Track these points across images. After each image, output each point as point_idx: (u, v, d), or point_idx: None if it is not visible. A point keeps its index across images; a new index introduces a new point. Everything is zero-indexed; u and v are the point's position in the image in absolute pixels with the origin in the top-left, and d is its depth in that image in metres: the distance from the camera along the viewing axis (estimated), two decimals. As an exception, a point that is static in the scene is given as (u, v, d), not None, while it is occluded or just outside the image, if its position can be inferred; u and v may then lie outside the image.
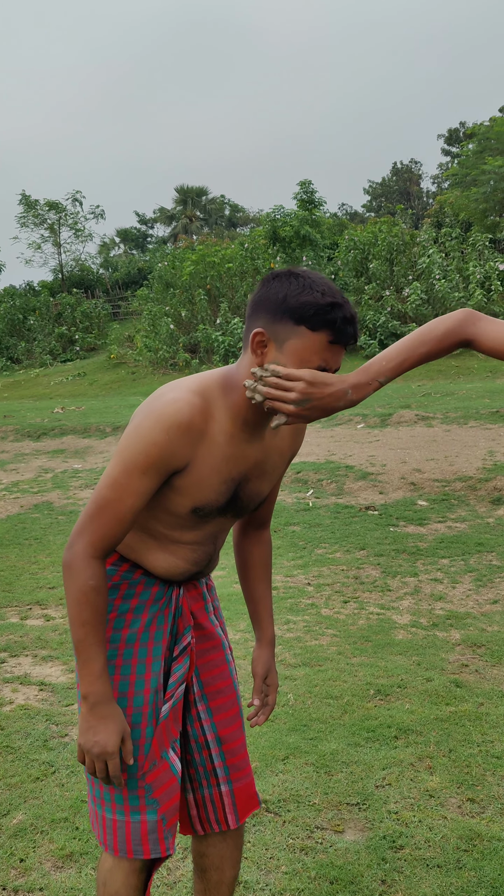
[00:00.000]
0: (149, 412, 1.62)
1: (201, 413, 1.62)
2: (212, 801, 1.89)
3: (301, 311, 1.56)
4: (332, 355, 1.59)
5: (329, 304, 1.56)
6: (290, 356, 1.58)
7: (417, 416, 11.96)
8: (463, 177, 27.04)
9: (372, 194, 53.26)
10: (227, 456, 1.69)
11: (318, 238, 22.57)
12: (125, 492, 1.61)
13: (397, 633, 4.48)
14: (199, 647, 1.88)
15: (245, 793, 1.91)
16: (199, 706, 1.87)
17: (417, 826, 2.61)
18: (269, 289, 1.61)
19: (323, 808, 2.73)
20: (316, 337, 1.57)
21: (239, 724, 1.93)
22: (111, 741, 1.61)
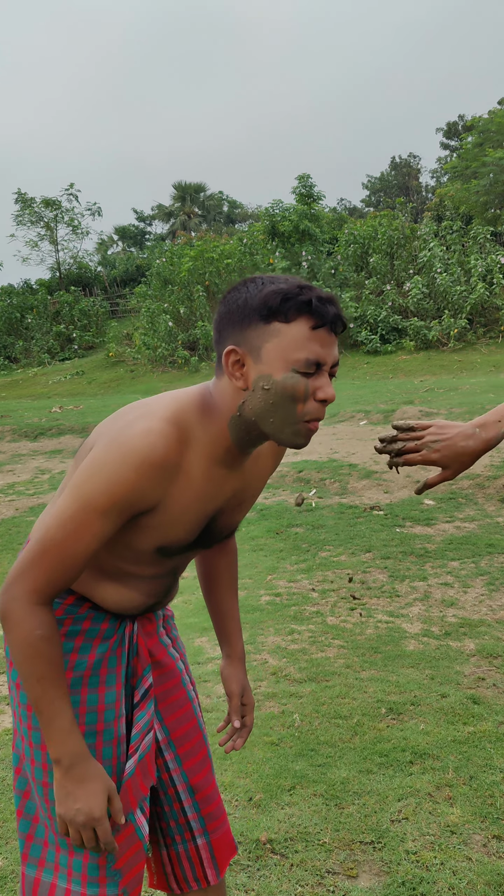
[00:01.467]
0: (117, 444, 1.35)
1: (177, 446, 1.37)
2: (188, 857, 1.69)
3: (268, 305, 1.32)
4: (320, 345, 1.33)
5: (297, 286, 1.33)
6: (272, 362, 1.33)
7: (421, 412, 11.70)
8: (463, 170, 26.78)
9: (371, 189, 52.94)
10: (203, 492, 1.45)
11: (317, 232, 22.30)
12: (79, 534, 1.35)
13: (408, 644, 4.23)
14: (158, 688, 1.66)
15: (223, 843, 1.72)
16: (167, 754, 1.67)
17: (439, 869, 2.35)
18: (230, 299, 1.38)
19: (334, 848, 2.48)
20: (293, 328, 1.32)
21: (209, 768, 1.73)
22: (96, 805, 1.39)
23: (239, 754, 3.08)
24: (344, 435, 11.07)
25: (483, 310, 18.61)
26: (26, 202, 31.39)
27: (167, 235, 50.47)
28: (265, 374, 1.34)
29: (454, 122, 48.54)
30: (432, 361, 17.64)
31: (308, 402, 1.35)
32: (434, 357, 17.95)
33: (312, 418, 1.37)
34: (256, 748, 3.13)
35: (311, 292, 1.33)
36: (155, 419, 1.36)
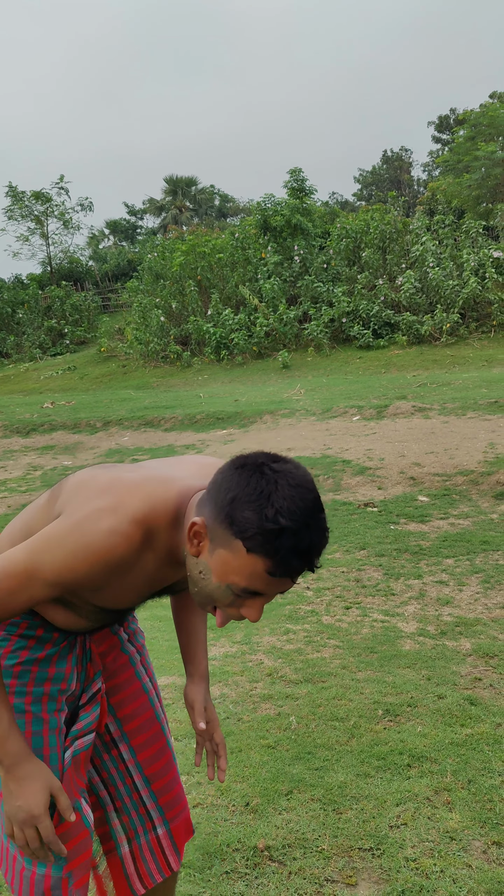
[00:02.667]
0: (80, 532, 1.36)
1: (137, 548, 1.39)
2: (150, 848, 1.74)
3: (241, 526, 1.27)
4: (266, 585, 1.30)
5: (276, 530, 1.25)
6: (216, 564, 1.32)
7: (414, 408, 11.69)
8: (455, 163, 26.71)
9: (362, 183, 52.82)
10: (153, 579, 1.48)
11: (309, 227, 22.22)
12: (20, 589, 1.39)
13: (404, 644, 4.21)
14: (112, 682, 1.72)
15: (181, 828, 1.78)
16: (121, 746, 1.72)
17: (439, 877, 2.33)
18: (226, 477, 1.32)
19: (332, 855, 2.45)
20: (250, 560, 1.28)
21: (168, 757, 1.77)
22: (35, 802, 1.43)
23: (235, 757, 3.05)
24: (337, 431, 11.03)
25: (475, 304, 18.58)
26: (17, 196, 31.19)
27: (158, 230, 50.27)
28: (207, 567, 1.34)
29: (446, 115, 48.45)
30: (425, 356, 17.62)
31: (229, 609, 1.36)
32: (426, 352, 17.92)
33: (226, 620, 1.38)
34: (253, 751, 3.10)
35: (289, 541, 1.26)
36: (124, 519, 1.36)
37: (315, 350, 19.56)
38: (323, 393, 14.70)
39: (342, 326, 19.74)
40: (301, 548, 1.27)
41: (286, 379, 17.82)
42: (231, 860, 2.44)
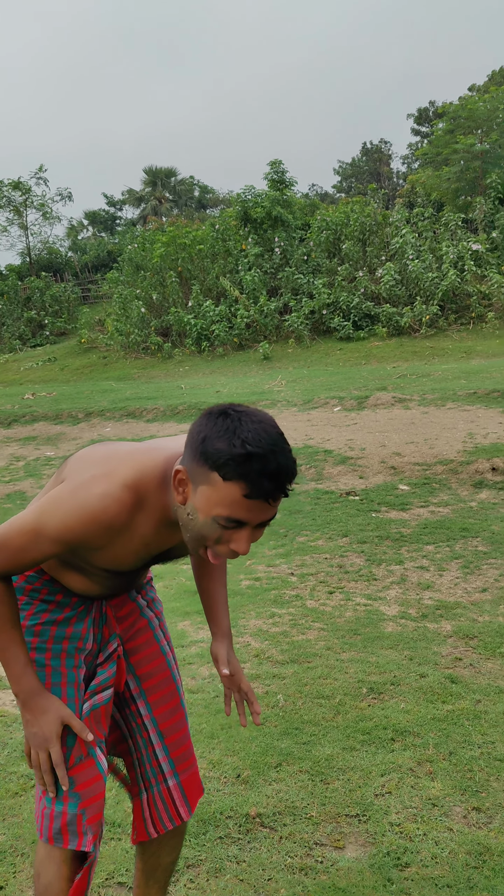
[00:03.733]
0: (76, 497, 1.54)
1: (130, 511, 1.55)
2: (161, 798, 1.90)
3: (214, 458, 1.42)
4: (247, 510, 1.43)
5: (244, 454, 1.39)
6: (200, 503, 1.46)
7: (394, 399, 11.83)
8: (434, 156, 26.86)
9: (342, 175, 52.91)
10: (150, 541, 1.63)
11: (289, 219, 22.29)
12: (30, 546, 1.58)
13: (386, 626, 4.33)
14: (131, 644, 1.88)
15: (192, 783, 1.93)
16: (139, 702, 1.89)
17: (422, 840, 2.45)
18: (198, 424, 1.48)
19: (321, 821, 2.57)
20: (228, 488, 1.41)
21: (181, 716, 1.92)
22: (50, 728, 1.64)
23: (225, 733, 3.16)
24: (318, 421, 11.15)
25: (454, 296, 18.75)
26: (-5, 187, 31.02)
27: (138, 220, 50.10)
28: (194, 507, 1.47)
29: (425, 108, 48.57)
30: (404, 348, 17.77)
31: (219, 546, 1.48)
32: (406, 343, 18.07)
33: (218, 557, 1.52)
34: (242, 730, 3.21)
35: (258, 463, 1.39)
36: (115, 484, 1.53)
37: (296, 341, 19.66)
38: (304, 384, 14.81)
39: (322, 318, 19.85)
40: (270, 469, 1.40)
41: (267, 370, 17.92)
42: (224, 826, 2.56)
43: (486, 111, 24.48)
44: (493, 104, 24.60)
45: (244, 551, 1.46)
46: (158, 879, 1.97)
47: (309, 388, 14.12)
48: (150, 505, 1.56)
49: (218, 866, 2.38)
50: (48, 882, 1.70)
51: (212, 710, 3.39)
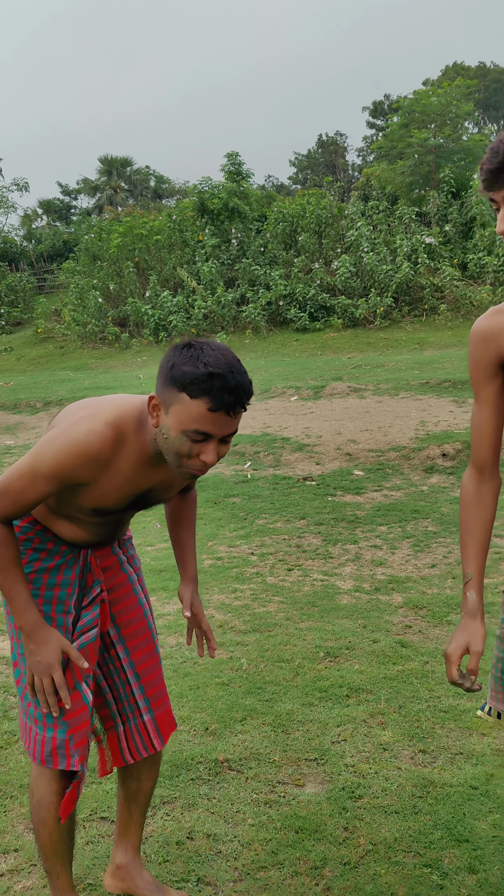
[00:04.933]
0: (65, 435, 1.78)
1: (112, 446, 1.79)
2: (138, 730, 2.15)
3: (182, 380, 1.67)
4: (212, 423, 1.68)
5: (207, 374, 1.65)
6: (172, 421, 1.70)
7: (350, 388, 12.14)
8: (389, 150, 27.22)
9: (298, 166, 53.18)
10: (130, 480, 1.87)
11: (246, 210, 22.50)
12: (28, 487, 1.80)
13: (342, 598, 4.62)
14: (112, 595, 2.12)
15: (165, 718, 2.19)
16: (118, 647, 2.13)
17: (374, 777, 2.74)
18: (166, 356, 1.74)
19: (283, 765, 2.85)
20: (194, 404, 1.67)
21: (155, 660, 2.18)
22: (52, 656, 1.85)
23: (193, 693, 3.42)
24: (276, 410, 11.41)
25: (408, 289, 19.14)
26: None
27: (93, 210, 49.79)
28: (167, 426, 1.72)
29: (380, 101, 49.08)
30: (359, 339, 18.12)
31: (192, 459, 1.73)
32: (361, 334, 18.43)
33: (193, 470, 1.76)
34: (209, 688, 3.47)
35: (218, 381, 1.65)
36: (98, 422, 1.78)
37: (253, 332, 19.91)
38: (261, 374, 15.06)
39: (279, 309, 20.12)
40: (229, 386, 1.66)
41: (225, 360, 18.13)
42: (196, 770, 2.82)
43: (440, 106, 24.89)
44: (445, 99, 25.03)
45: (212, 461, 1.71)
46: (140, 804, 2.22)
47: (266, 378, 14.38)
48: (130, 443, 1.81)
49: (191, 802, 2.64)
50: (41, 797, 1.98)
51: (180, 674, 3.63)
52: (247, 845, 2.41)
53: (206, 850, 2.40)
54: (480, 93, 42.91)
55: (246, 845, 2.41)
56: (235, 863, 2.34)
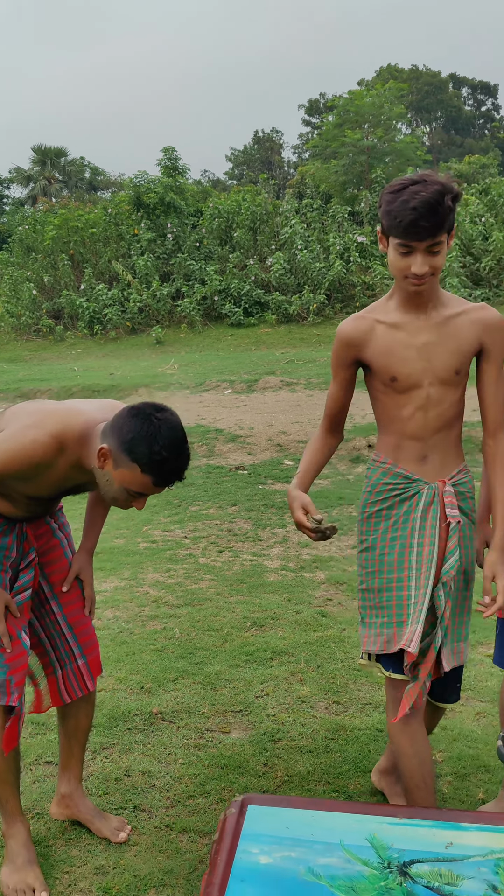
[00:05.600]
0: (14, 440, 2.06)
1: (53, 454, 2.08)
2: (73, 673, 2.46)
3: (136, 455, 2.00)
4: (150, 489, 2.06)
5: (161, 459, 1.99)
6: (118, 476, 2.04)
7: (282, 382, 12.51)
8: (323, 148, 27.68)
9: (234, 162, 53.48)
10: (66, 478, 2.19)
11: (182, 205, 22.68)
12: None
13: (269, 576, 4.94)
14: (45, 559, 2.41)
15: (95, 663, 2.51)
16: (52, 603, 2.44)
17: (292, 724, 3.08)
18: (127, 423, 2.02)
19: (211, 716, 3.16)
20: (143, 476, 2.02)
21: (85, 613, 2.50)
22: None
23: (129, 658, 3.70)
24: (210, 403, 11.71)
25: (340, 286, 19.58)
26: None
27: (27, 200, 49.25)
28: (112, 478, 2.06)
29: (316, 99, 49.69)
30: (293, 334, 18.51)
31: (126, 504, 2.12)
32: (294, 330, 18.82)
33: (121, 507, 2.15)
34: (144, 654, 3.75)
35: (168, 465, 1.99)
36: (43, 433, 2.07)
37: (188, 326, 20.13)
38: (196, 368, 15.32)
39: (214, 304, 20.37)
40: (176, 468, 2.03)
41: (160, 354, 18.33)
42: (132, 721, 3.11)
43: (373, 107, 25.44)
44: (379, 101, 25.59)
45: (141, 508, 2.13)
46: (80, 740, 2.52)
47: (201, 371, 14.65)
48: (69, 452, 2.11)
49: (128, 747, 2.93)
50: None
51: (117, 642, 3.91)
52: (178, 780, 2.72)
53: (142, 784, 2.70)
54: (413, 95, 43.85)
55: (177, 780, 2.72)
56: (168, 793, 2.65)
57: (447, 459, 2.27)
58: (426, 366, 2.20)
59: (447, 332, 2.21)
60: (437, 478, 2.25)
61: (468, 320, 2.22)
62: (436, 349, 2.20)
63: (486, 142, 45.86)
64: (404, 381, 2.22)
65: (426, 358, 2.20)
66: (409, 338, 2.21)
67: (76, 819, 2.47)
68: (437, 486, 2.23)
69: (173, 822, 2.49)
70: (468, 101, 53.06)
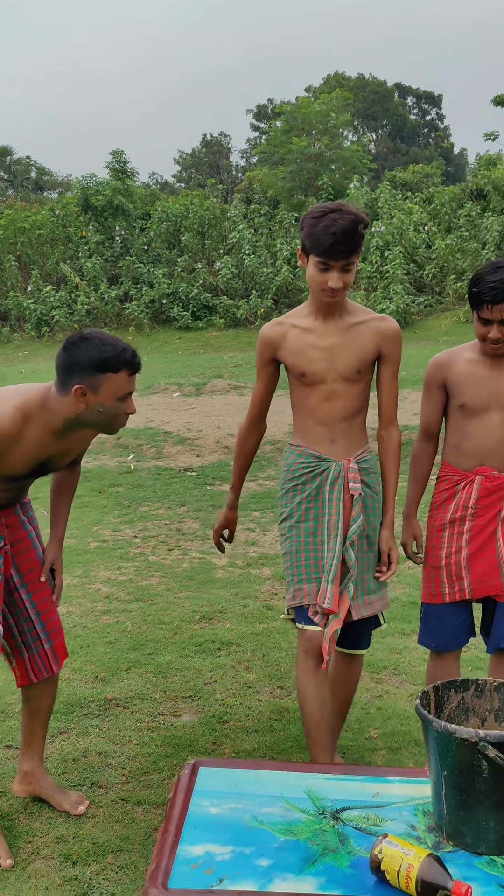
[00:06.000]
0: None
1: (19, 425, 2.27)
2: (39, 656, 2.65)
3: (107, 364, 2.24)
4: (131, 384, 2.31)
5: (120, 350, 2.24)
6: (106, 396, 2.27)
7: (230, 385, 12.73)
8: (271, 154, 28.02)
9: (182, 165, 53.60)
10: (35, 451, 2.36)
11: (130, 208, 22.77)
12: None
13: (217, 573, 5.15)
14: (15, 549, 2.57)
15: (60, 647, 2.70)
16: (21, 591, 2.60)
17: (239, 707, 3.29)
18: (73, 355, 2.25)
19: (163, 701, 3.36)
20: (120, 376, 2.26)
21: (51, 600, 2.69)
22: None
23: (84, 650, 3.87)
24: (159, 406, 11.87)
25: (287, 291, 19.90)
26: None
27: (-28, 199, 48.66)
28: (101, 403, 2.28)
29: (264, 105, 50.06)
30: (240, 338, 18.75)
31: (123, 416, 2.37)
32: (242, 334, 19.07)
33: (123, 424, 2.40)
34: (98, 646, 3.93)
35: (126, 353, 2.25)
36: (9, 407, 2.27)
37: (136, 329, 20.22)
38: (145, 371, 15.10)
39: (162, 307, 20.51)
40: (132, 351, 2.29)
41: (108, 356, 18.40)
42: (88, 707, 3.30)
43: (320, 115, 25.87)
44: (325, 109, 26.03)
45: (134, 411, 2.36)
46: (42, 719, 2.71)
47: (149, 374, 14.78)
48: (34, 421, 2.29)
49: (84, 731, 3.12)
50: None
51: (71, 636, 4.06)
52: (132, 758, 2.91)
53: (98, 764, 2.88)
54: (359, 103, 44.52)
55: (131, 758, 2.91)
56: (123, 771, 2.84)
57: (352, 442, 2.66)
58: (330, 365, 2.59)
59: (350, 337, 2.60)
60: (343, 457, 2.62)
61: (370, 328, 2.62)
62: (340, 351, 2.58)
63: (431, 150, 46.76)
64: (312, 377, 2.61)
65: (330, 358, 2.58)
66: (317, 340, 2.60)
67: (37, 795, 2.65)
68: (343, 463, 2.61)
69: (128, 795, 2.68)
70: (413, 110, 54.02)
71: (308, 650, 2.57)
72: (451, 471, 2.76)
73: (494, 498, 2.68)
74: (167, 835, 1.67)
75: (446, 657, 2.82)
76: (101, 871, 2.31)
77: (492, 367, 2.66)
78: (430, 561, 2.79)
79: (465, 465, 2.72)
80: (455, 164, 47.70)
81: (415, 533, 2.87)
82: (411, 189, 24.71)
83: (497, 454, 2.68)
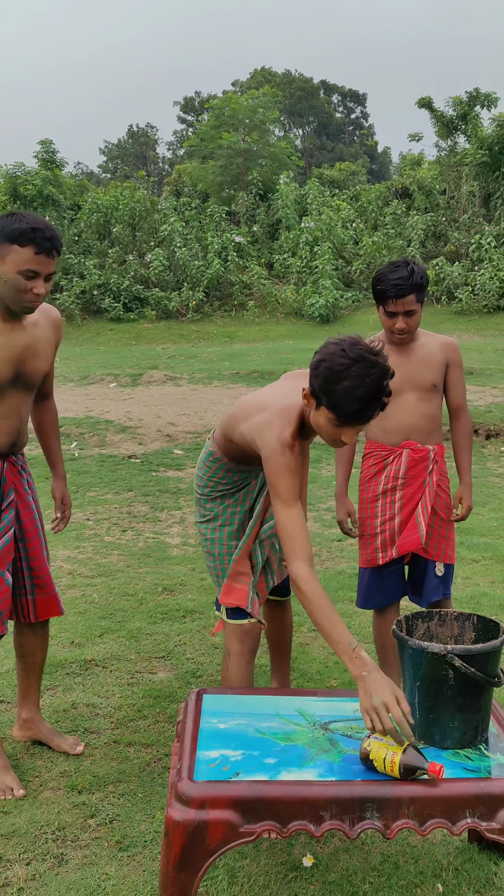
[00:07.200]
0: None
1: None
2: (22, 605, 2.83)
3: (12, 234, 2.38)
4: (38, 263, 2.41)
5: (31, 227, 2.37)
6: (8, 266, 2.40)
7: (166, 377, 12.97)
8: (200, 148, 28.19)
9: (108, 155, 53.22)
10: (3, 347, 2.52)
11: (61, 199, 22.72)
12: None
13: (172, 551, 5.44)
14: (18, 507, 2.73)
15: (45, 602, 2.86)
16: (20, 545, 2.77)
17: (210, 664, 3.60)
18: None
19: (138, 661, 3.65)
20: (24, 250, 2.38)
21: (43, 559, 2.86)
22: None
23: (56, 621, 4.09)
24: (96, 396, 12.04)
25: (219, 284, 20.20)
26: None
27: None
28: (5, 272, 2.41)
29: (191, 97, 50.09)
30: (172, 330, 18.98)
31: (27, 293, 2.44)
32: (174, 326, 19.29)
33: (28, 303, 2.47)
34: (69, 616, 4.18)
35: (39, 233, 2.36)
36: None
37: (67, 321, 20.22)
38: (78, 362, 15.55)
39: (94, 299, 20.56)
40: (47, 235, 2.40)
41: (40, 347, 18.39)
42: (69, 667, 3.57)
43: (248, 111, 26.16)
44: (254, 104, 26.34)
45: (42, 293, 2.44)
46: (36, 672, 2.95)
47: (83, 365, 14.90)
48: None
49: (69, 687, 3.39)
50: None
51: (42, 608, 4.32)
52: (118, 708, 3.20)
53: (88, 713, 3.16)
54: (286, 99, 44.96)
55: (118, 708, 3.20)
56: (111, 718, 3.13)
57: None
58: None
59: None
60: None
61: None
62: None
63: (356, 148, 47.57)
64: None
65: None
66: None
67: (36, 739, 2.91)
68: None
69: (120, 738, 2.97)
70: (339, 107, 54.80)
71: (238, 633, 2.81)
72: (378, 447, 3.17)
73: (420, 468, 3.13)
74: (184, 745, 1.98)
75: (388, 613, 3.22)
76: (105, 798, 2.60)
77: (399, 354, 3.09)
78: (366, 530, 3.20)
79: (392, 441, 3.16)
80: (379, 162, 48.65)
81: (349, 510, 3.28)
82: (338, 186, 25.27)
83: (419, 429, 3.14)
